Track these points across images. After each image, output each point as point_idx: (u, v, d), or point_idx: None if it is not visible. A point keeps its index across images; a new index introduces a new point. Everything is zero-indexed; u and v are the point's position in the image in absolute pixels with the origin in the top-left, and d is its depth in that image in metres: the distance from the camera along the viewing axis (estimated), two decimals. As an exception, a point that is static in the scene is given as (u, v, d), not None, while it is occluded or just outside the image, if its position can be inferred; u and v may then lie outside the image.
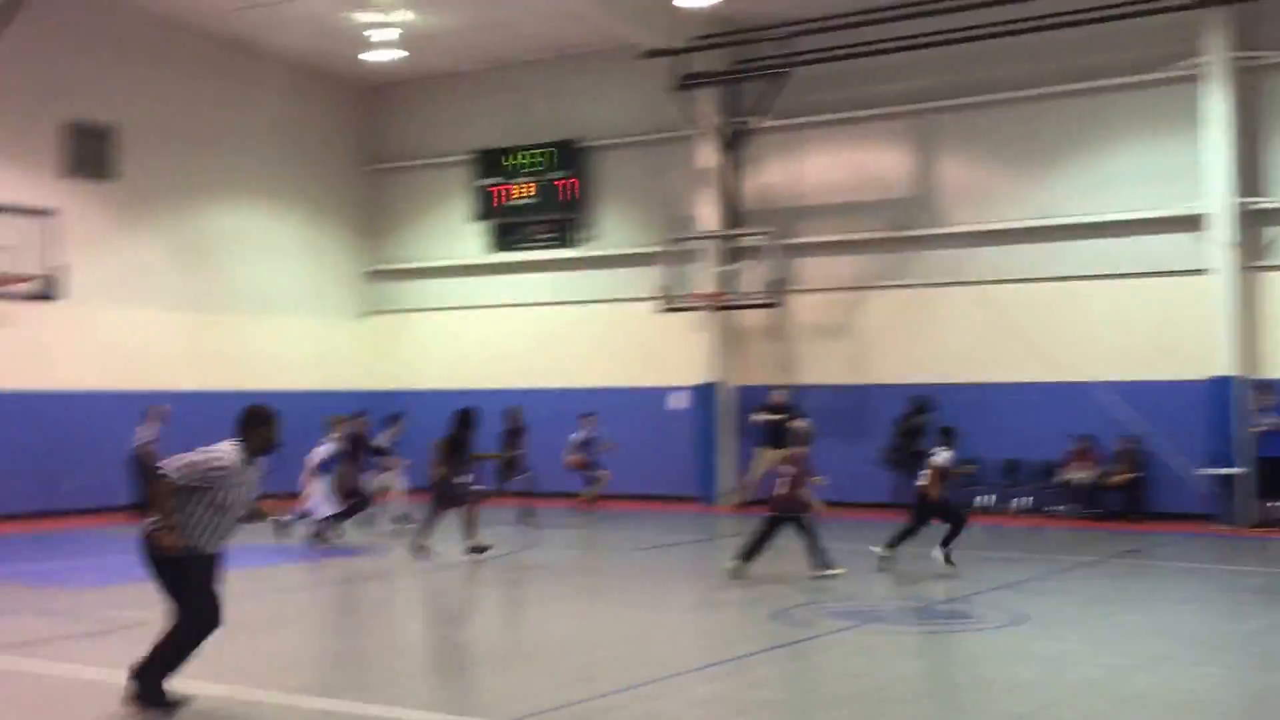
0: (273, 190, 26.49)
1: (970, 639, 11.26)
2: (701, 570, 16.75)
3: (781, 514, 14.30)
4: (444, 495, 16.46)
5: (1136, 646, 10.73)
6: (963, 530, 14.98)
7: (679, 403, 24.50)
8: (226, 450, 8.39)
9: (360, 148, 28.47)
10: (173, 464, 8.30)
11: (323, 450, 18.01)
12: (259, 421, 8.57)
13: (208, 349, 24.91)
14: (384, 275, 28.41)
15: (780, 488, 14.29)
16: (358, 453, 19.05)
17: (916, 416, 21.67)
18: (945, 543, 14.77)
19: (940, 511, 15.00)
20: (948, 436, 15.25)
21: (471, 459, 16.94)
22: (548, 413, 23.32)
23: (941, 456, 14.92)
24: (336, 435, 18.44)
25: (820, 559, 14.16)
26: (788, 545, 14.27)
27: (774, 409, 22.14)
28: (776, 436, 21.92)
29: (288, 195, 26.79)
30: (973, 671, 9.78)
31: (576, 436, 22.19)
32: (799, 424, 15.47)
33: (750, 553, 14.32)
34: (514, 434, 21.32)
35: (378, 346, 28.16)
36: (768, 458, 21.72)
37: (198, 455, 8.30)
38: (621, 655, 10.68)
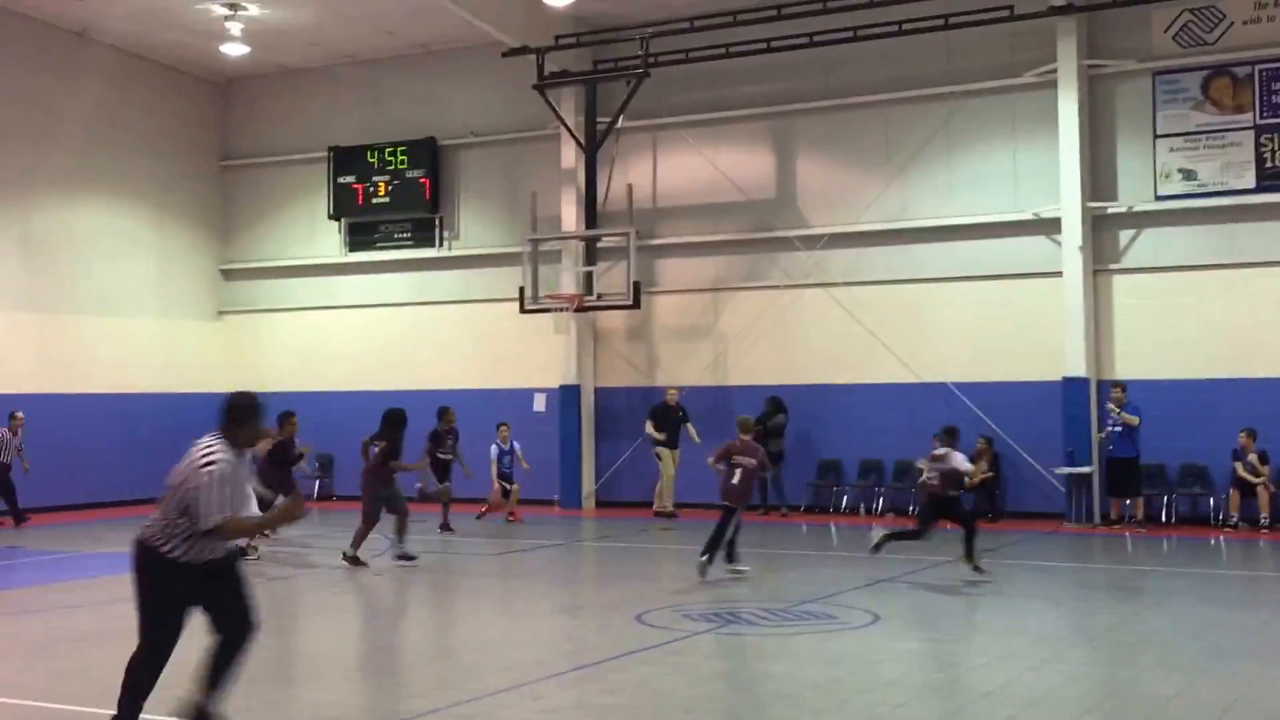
0: (120, 186, 25.61)
1: (829, 639, 11.26)
2: (564, 575, 16.59)
3: (737, 504, 14.37)
4: (378, 502, 16.04)
5: (989, 644, 10.85)
6: (977, 533, 14.48)
7: (542, 404, 24.31)
8: (215, 449, 7.39)
9: (213, 143, 27.74)
10: (214, 508, 7.22)
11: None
12: (248, 413, 7.67)
13: (52, 351, 23.98)
14: (238, 274, 27.72)
15: (734, 478, 14.34)
16: (285, 461, 17.44)
17: (773, 417, 21.80)
18: (969, 554, 14.20)
19: (952, 513, 14.65)
20: (951, 436, 14.80)
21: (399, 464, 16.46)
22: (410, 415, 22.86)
23: (957, 457, 14.52)
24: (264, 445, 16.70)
25: (733, 553, 14.35)
26: (655, 548, 14.17)
27: (669, 409, 22.02)
28: (673, 437, 21.90)
29: (136, 191, 25.95)
30: (830, 672, 9.75)
31: (495, 449, 21.30)
32: (745, 416, 15.47)
33: (713, 546, 14.30)
34: (443, 437, 20.19)
35: (232, 347, 27.43)
36: (666, 458, 21.77)
37: (206, 484, 7.18)
38: (477, 662, 10.47)
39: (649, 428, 22.06)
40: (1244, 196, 19.68)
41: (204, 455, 7.32)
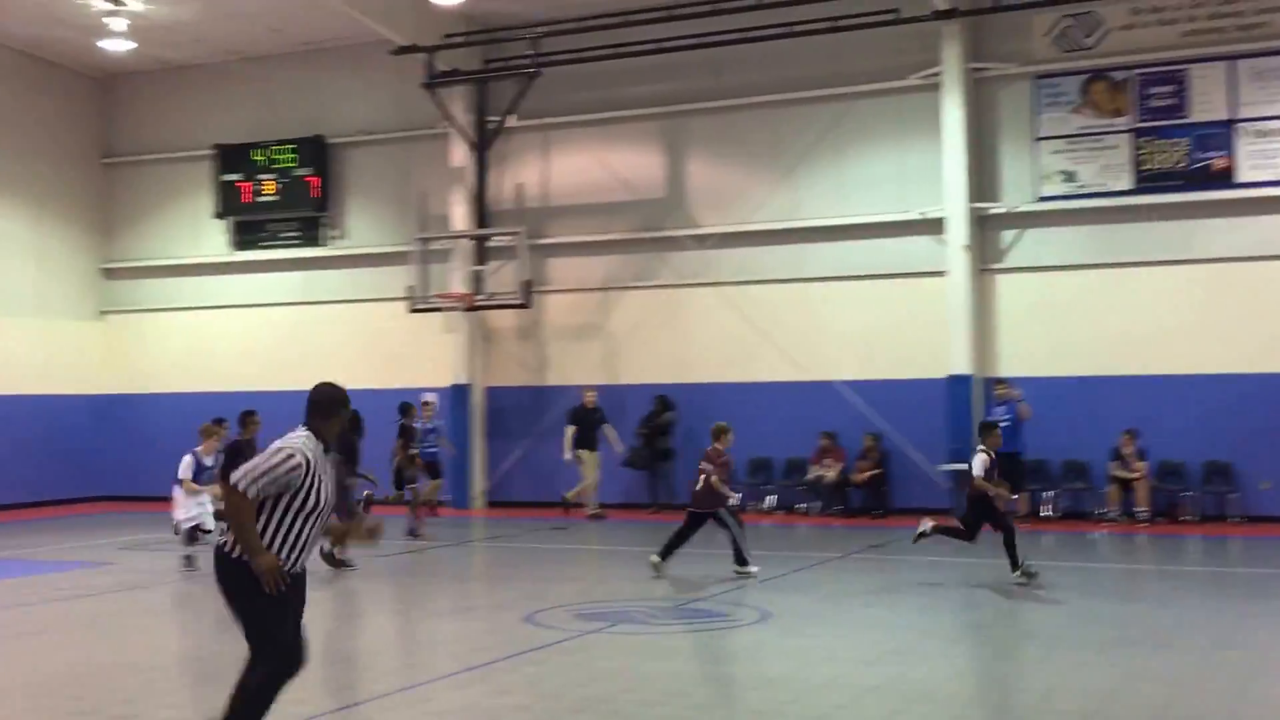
0: (-5, 184, 24.99)
1: (719, 637, 11.31)
2: (455, 575, 16.48)
3: (701, 509, 14.33)
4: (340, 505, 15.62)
5: (877, 640, 10.95)
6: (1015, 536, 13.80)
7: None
8: (298, 439, 6.90)
9: (95, 140, 27.10)
10: (247, 476, 6.68)
11: (190, 460, 15.98)
12: (336, 405, 7.08)
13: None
14: (121, 273, 27.11)
15: (700, 483, 14.34)
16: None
17: (661, 415, 21.88)
18: (1016, 563, 13.50)
19: (993, 517, 13.92)
20: (981, 434, 14.35)
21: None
22: (295, 415, 22.54)
23: (976, 459, 13.89)
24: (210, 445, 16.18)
25: (740, 555, 14.28)
26: (547, 548, 14.12)
27: (587, 411, 21.96)
28: (590, 438, 21.82)
29: (12, 189, 25.26)
30: (720, 670, 9.80)
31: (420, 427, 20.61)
32: (721, 422, 15.37)
33: (670, 549, 14.31)
34: (408, 434, 19.51)
35: (114, 348, 26.82)
36: (588, 460, 21.66)
37: (269, 458, 6.74)
38: (366, 665, 10.35)
39: (569, 432, 21.95)
40: (1122, 198, 20.18)
41: (283, 442, 6.91)
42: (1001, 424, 19.40)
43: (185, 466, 15.88)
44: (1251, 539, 17.95)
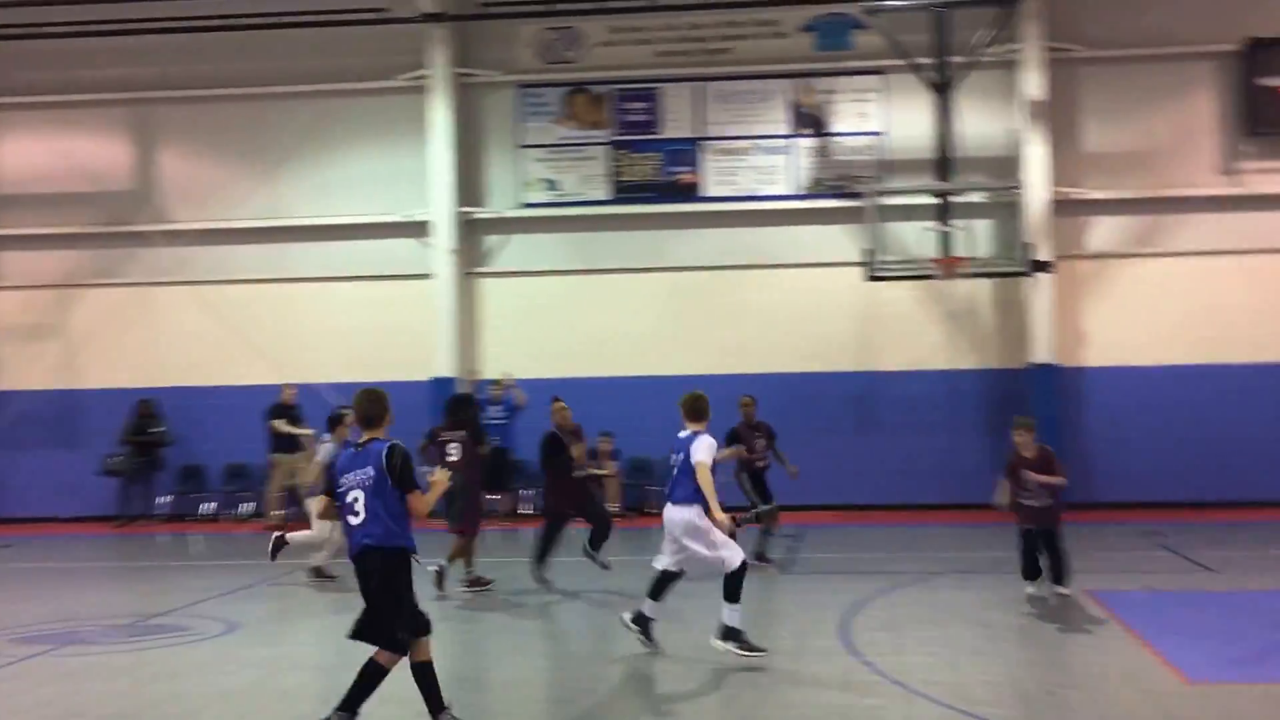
0: None
1: (179, 653, 10.61)
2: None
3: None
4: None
5: (346, 645, 10.57)
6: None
7: None
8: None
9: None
10: None
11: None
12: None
13: None
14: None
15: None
16: None
17: (150, 422, 20.62)
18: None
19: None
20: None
21: None
22: None
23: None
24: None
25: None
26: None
27: (285, 408, 20.02)
28: (290, 441, 19.74)
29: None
30: (176, 686, 9.18)
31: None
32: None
33: (543, 554, 13.35)
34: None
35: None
36: (287, 466, 19.64)
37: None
38: None
39: (279, 426, 19.98)
40: (600, 207, 21.03)
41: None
42: (496, 422, 19.77)
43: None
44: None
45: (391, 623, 7.21)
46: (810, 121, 20.72)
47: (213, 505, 21.27)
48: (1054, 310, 19.97)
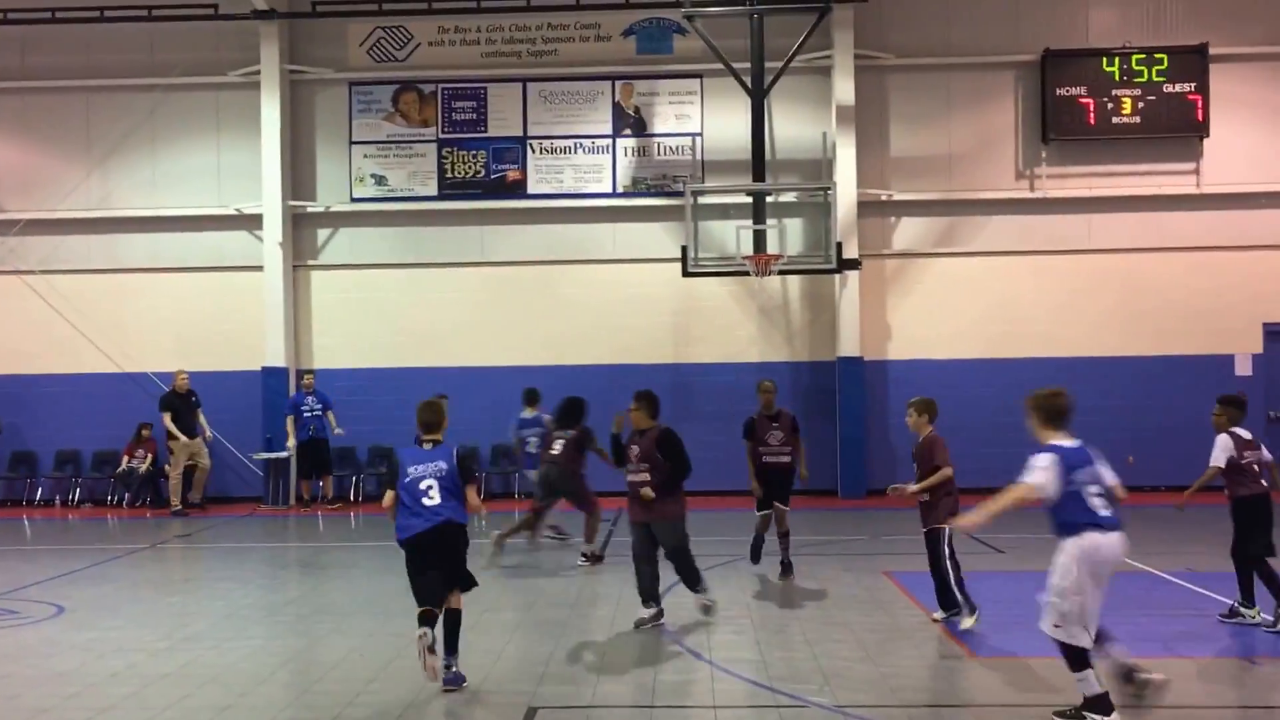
0: None
1: (6, 636, 10.93)
2: None
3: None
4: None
5: (175, 627, 11.15)
6: None
7: None
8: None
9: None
10: None
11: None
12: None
13: None
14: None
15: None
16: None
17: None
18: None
19: None
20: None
21: None
22: None
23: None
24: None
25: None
26: None
27: (179, 395, 20.10)
28: (190, 425, 19.96)
29: None
30: (4, 668, 9.54)
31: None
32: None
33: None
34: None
35: None
36: (185, 450, 19.80)
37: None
38: None
39: (167, 419, 20.06)
40: (428, 203, 21.57)
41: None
42: (305, 414, 20.31)
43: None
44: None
45: (465, 573, 9.22)
46: (632, 122, 21.56)
47: (41, 491, 21.42)
48: (861, 306, 21.02)
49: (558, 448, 14.89)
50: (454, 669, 9.04)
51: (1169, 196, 21.17)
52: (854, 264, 20.59)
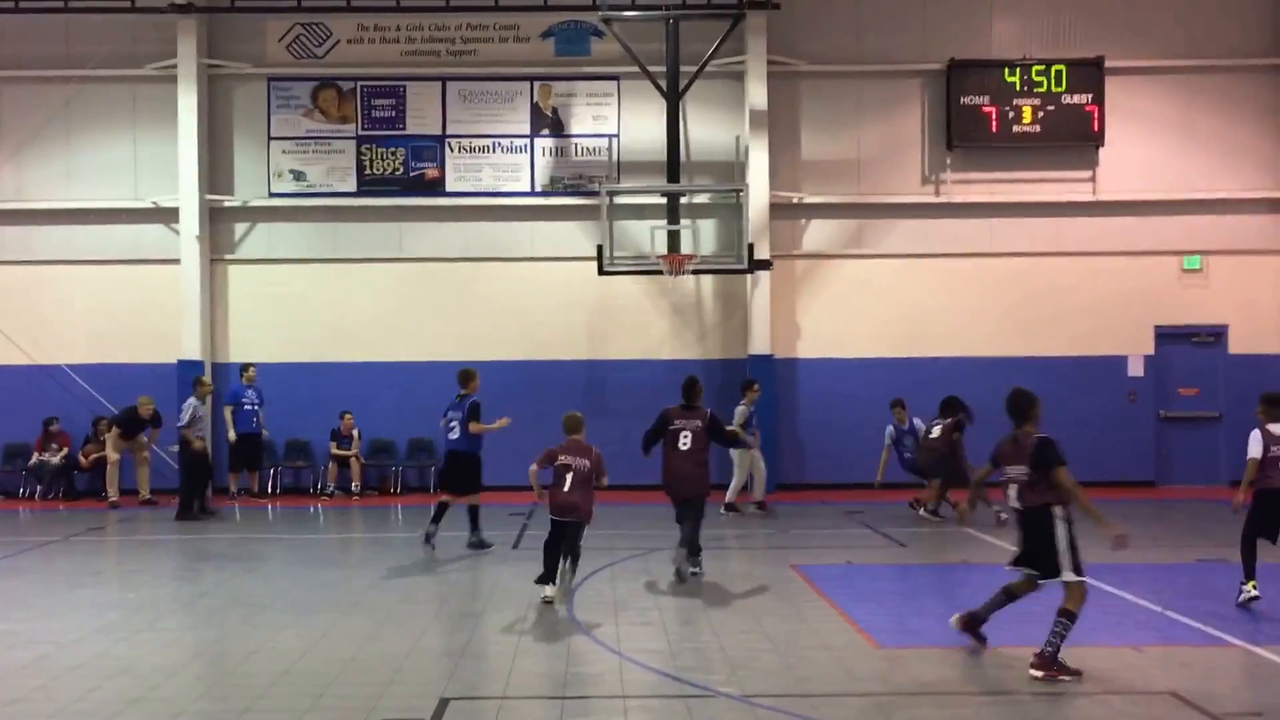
0: None
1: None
2: None
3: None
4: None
5: (85, 620, 11.17)
6: None
7: None
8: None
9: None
10: None
11: None
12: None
13: None
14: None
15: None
16: None
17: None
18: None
19: None
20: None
21: None
22: None
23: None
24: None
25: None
26: None
27: (138, 418, 20.09)
28: (131, 423, 19.87)
29: None
30: (-84, 661, 9.65)
31: None
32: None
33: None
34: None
35: None
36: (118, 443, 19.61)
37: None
38: None
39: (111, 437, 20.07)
40: (346, 199, 21.74)
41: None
42: (246, 407, 20.45)
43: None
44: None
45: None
46: (550, 123, 21.86)
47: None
48: (772, 305, 21.47)
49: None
50: None
51: (1067, 203, 21.86)
52: (765, 264, 21.05)
